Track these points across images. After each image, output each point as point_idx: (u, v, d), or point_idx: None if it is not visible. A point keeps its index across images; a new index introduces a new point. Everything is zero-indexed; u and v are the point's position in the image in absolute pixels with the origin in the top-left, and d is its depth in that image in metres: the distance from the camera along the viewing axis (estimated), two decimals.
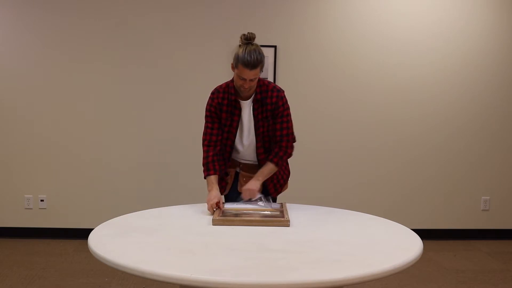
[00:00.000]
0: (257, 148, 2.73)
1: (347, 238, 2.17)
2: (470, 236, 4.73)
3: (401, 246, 2.08)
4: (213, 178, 2.64)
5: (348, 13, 4.47)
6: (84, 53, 4.39)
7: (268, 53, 4.37)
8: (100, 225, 2.30)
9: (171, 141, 4.50)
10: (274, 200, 2.88)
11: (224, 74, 4.46)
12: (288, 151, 2.71)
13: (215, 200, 2.51)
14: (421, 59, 4.55)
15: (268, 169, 2.67)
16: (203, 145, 2.75)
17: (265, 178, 2.69)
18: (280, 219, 2.32)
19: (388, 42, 4.51)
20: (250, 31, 2.65)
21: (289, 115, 2.72)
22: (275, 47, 4.41)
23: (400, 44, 4.52)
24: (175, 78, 4.45)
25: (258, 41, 4.45)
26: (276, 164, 2.68)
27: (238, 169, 2.81)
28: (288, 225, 2.29)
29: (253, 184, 2.62)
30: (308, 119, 4.50)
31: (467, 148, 4.67)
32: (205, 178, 2.69)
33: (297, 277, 1.72)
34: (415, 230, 2.34)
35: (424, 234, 2.69)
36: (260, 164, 2.74)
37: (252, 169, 2.77)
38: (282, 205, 2.57)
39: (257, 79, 2.60)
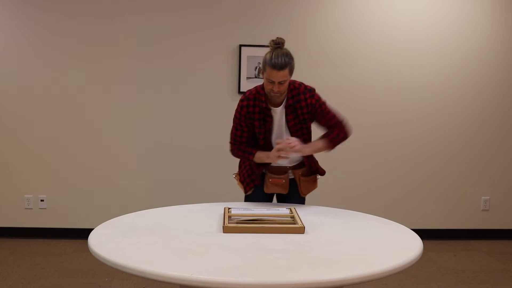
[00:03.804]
0: None
1: (347, 238, 2.18)
2: (470, 236, 4.74)
3: (401, 246, 2.08)
4: (259, 152, 2.69)
5: (348, 13, 4.47)
6: (85, 53, 4.39)
7: None
8: (100, 225, 2.30)
9: (171, 141, 4.50)
10: (303, 202, 2.89)
11: (224, 74, 4.46)
12: (344, 130, 2.76)
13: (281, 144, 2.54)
14: (421, 59, 4.55)
15: (318, 144, 2.70)
16: (233, 144, 2.78)
17: (312, 152, 2.70)
18: (294, 226, 2.23)
19: (388, 42, 4.51)
20: (279, 36, 2.59)
21: (328, 107, 2.74)
22: None
23: (400, 44, 4.52)
24: (176, 78, 4.45)
25: (258, 41, 4.49)
26: (330, 141, 2.71)
27: (264, 170, 2.82)
28: (303, 232, 2.22)
29: (297, 141, 2.60)
30: None
31: (467, 148, 4.67)
32: (253, 160, 2.72)
33: (297, 277, 1.72)
34: (415, 230, 2.34)
35: (424, 234, 2.70)
36: (305, 163, 2.79)
37: (278, 171, 2.79)
38: (291, 210, 2.49)
39: (287, 83, 2.55)
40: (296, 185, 2.82)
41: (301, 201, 2.87)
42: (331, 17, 4.47)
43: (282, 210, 2.47)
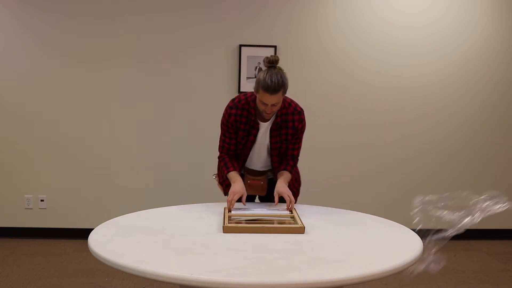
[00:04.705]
0: (273, 162, 2.75)
1: (347, 238, 2.17)
2: (470, 236, 4.73)
3: (401, 246, 2.08)
4: (234, 173, 2.66)
5: (348, 13, 4.47)
6: (85, 53, 4.39)
7: (268, 53, 4.37)
8: (100, 225, 2.30)
9: (171, 141, 4.50)
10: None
11: (224, 74, 4.46)
12: (295, 165, 2.79)
13: (238, 196, 2.51)
14: (421, 59, 4.55)
15: (287, 176, 2.69)
16: (221, 152, 2.77)
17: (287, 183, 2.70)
18: (294, 226, 2.24)
19: (388, 42, 4.51)
20: (273, 55, 2.55)
21: (303, 135, 2.74)
22: (275, 47, 4.41)
23: (400, 44, 4.52)
24: (176, 78, 4.45)
25: (258, 41, 4.49)
26: (291, 172, 2.73)
27: (243, 171, 2.83)
28: (303, 232, 2.22)
29: (284, 187, 2.59)
30: (308, 119, 4.49)
31: (467, 148, 4.67)
32: (226, 174, 2.72)
33: (297, 277, 1.72)
34: (415, 230, 2.34)
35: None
36: (274, 171, 2.78)
37: (256, 172, 2.81)
38: (291, 210, 2.50)
39: (280, 104, 2.53)
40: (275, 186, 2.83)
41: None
42: (331, 17, 4.47)
43: (282, 210, 2.48)
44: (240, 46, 4.39)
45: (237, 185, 2.58)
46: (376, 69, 4.54)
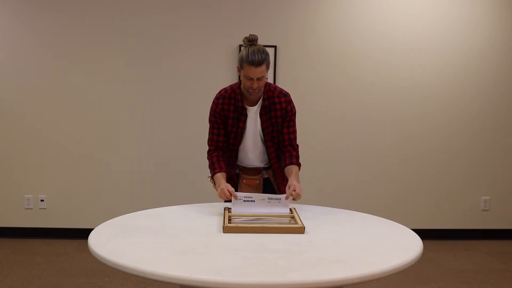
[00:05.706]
0: (269, 153, 2.73)
1: (347, 238, 2.17)
2: (470, 236, 4.73)
3: (401, 246, 2.08)
4: (219, 175, 2.64)
5: (348, 13, 4.47)
6: (85, 54, 4.39)
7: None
8: (100, 225, 2.30)
9: (171, 141, 4.50)
10: None
11: (224, 74, 4.46)
12: (298, 154, 2.73)
13: (227, 188, 2.48)
14: (421, 59, 4.55)
15: (296, 171, 2.64)
16: (209, 149, 2.78)
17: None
18: (294, 226, 2.24)
19: (388, 42, 4.51)
20: (252, 33, 2.61)
21: (295, 119, 2.73)
22: (275, 47, 4.42)
23: (400, 44, 4.52)
24: (176, 78, 4.45)
25: (258, 41, 4.47)
26: (298, 165, 2.69)
27: (238, 171, 2.82)
28: (303, 232, 2.22)
29: (297, 185, 2.53)
30: (308, 119, 4.50)
31: (467, 148, 4.67)
32: (212, 178, 2.71)
33: (297, 277, 1.72)
34: (415, 230, 2.34)
35: (424, 234, 2.70)
36: (272, 167, 2.74)
37: (251, 172, 2.79)
38: (291, 210, 2.48)
39: (264, 78, 2.55)
40: (270, 185, 2.82)
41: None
42: (331, 17, 4.47)
43: (282, 207, 2.48)
44: (240, 46, 4.39)
45: (222, 186, 2.54)
46: (376, 69, 4.54)
